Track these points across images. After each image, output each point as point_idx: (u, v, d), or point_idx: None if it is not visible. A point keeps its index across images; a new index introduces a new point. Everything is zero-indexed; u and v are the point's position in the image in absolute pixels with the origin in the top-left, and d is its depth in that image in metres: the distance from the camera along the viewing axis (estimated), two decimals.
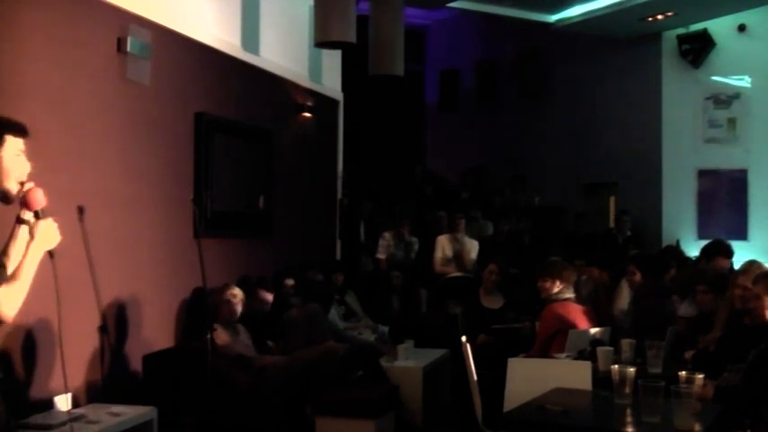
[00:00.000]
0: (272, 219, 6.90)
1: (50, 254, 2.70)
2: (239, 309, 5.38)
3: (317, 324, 5.75)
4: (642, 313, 5.09)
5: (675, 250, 7.22)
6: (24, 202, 2.69)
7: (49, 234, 2.68)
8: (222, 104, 6.12)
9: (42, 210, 2.69)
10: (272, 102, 7.05)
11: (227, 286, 5.39)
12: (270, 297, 5.89)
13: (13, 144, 2.68)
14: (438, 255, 8.27)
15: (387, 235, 8.48)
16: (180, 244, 5.41)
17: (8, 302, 2.54)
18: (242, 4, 6.52)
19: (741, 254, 6.56)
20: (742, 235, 9.15)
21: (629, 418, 3.30)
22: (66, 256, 2.94)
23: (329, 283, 7.02)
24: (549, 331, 5.05)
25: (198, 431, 4.79)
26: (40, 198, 2.69)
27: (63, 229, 2.76)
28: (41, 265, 2.64)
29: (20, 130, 2.72)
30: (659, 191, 9.56)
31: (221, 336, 5.11)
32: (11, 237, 2.71)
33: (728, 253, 5.83)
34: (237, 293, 5.37)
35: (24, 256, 2.61)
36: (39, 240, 2.65)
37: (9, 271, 2.62)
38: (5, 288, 2.55)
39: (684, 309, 4.98)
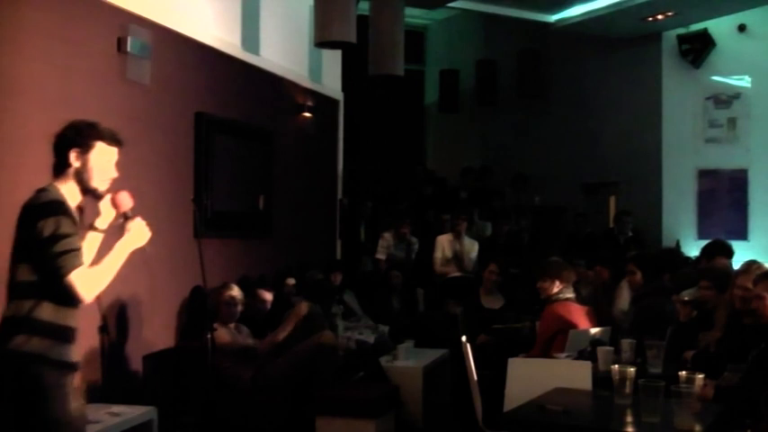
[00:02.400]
0: (272, 219, 6.90)
1: (144, 250, 3.02)
2: (239, 310, 5.38)
3: (315, 323, 5.73)
4: (642, 313, 5.09)
5: (676, 253, 7.22)
6: (113, 205, 3.01)
7: (139, 233, 3.00)
8: (222, 104, 6.12)
9: (131, 210, 3.01)
10: (272, 102, 7.05)
11: (226, 286, 5.38)
12: (269, 297, 5.89)
13: (104, 151, 2.95)
14: (438, 255, 8.27)
15: (387, 235, 8.48)
16: (180, 244, 5.41)
17: (86, 285, 2.79)
18: (242, 4, 6.53)
19: (741, 254, 6.55)
20: (742, 235, 9.15)
21: (629, 418, 3.30)
22: None
23: (326, 281, 7.01)
24: (549, 331, 5.05)
25: (198, 431, 4.80)
26: (126, 200, 3.01)
27: None
28: None
29: (113, 140, 2.98)
30: (659, 191, 9.56)
31: (222, 335, 5.12)
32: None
33: (729, 253, 5.83)
34: (237, 295, 5.36)
35: (112, 250, 2.91)
36: (128, 238, 2.98)
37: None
38: (85, 270, 2.79)
39: (688, 293, 4.92)
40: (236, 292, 5.37)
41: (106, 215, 3.07)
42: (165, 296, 5.40)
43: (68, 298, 2.80)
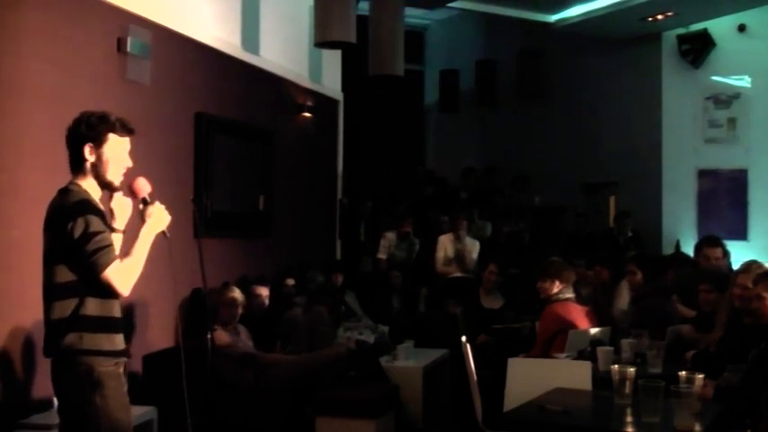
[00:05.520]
0: (272, 219, 6.90)
1: (164, 234, 3.07)
2: (239, 311, 5.38)
3: (322, 328, 5.74)
4: (642, 313, 5.09)
5: (678, 255, 7.21)
6: (131, 191, 3.03)
7: (160, 217, 3.05)
8: (222, 104, 6.12)
9: (150, 195, 3.04)
10: (272, 102, 7.06)
11: (227, 287, 5.38)
12: (265, 292, 5.90)
13: (117, 142, 2.97)
14: (440, 255, 8.26)
15: (389, 235, 8.48)
16: (180, 244, 5.38)
17: (122, 278, 2.86)
18: (242, 4, 6.53)
19: (741, 254, 6.56)
20: (742, 235, 9.14)
21: (629, 418, 3.30)
22: None
23: (329, 282, 7.02)
24: (549, 331, 5.04)
25: (198, 431, 4.79)
26: (144, 186, 3.04)
27: None
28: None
29: (124, 130, 3.01)
30: (659, 191, 9.55)
31: (222, 336, 5.12)
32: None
33: (716, 242, 5.83)
34: (238, 297, 5.36)
35: (137, 238, 2.95)
36: (151, 223, 3.01)
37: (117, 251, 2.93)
38: (119, 264, 2.85)
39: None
40: (236, 293, 5.37)
41: (122, 215, 3.10)
42: (165, 296, 5.39)
43: (108, 293, 2.87)
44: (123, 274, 2.86)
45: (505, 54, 11.47)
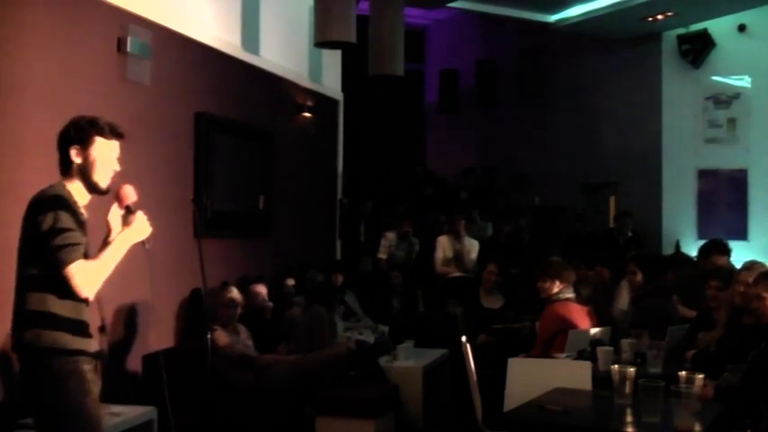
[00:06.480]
0: (272, 219, 6.90)
1: (144, 244, 3.02)
2: (238, 312, 5.38)
3: (321, 328, 5.74)
4: (642, 313, 5.09)
5: (678, 255, 7.21)
6: (116, 198, 3.03)
7: (141, 226, 3.00)
8: (222, 104, 6.12)
9: (134, 203, 3.02)
10: (272, 102, 7.05)
11: (225, 288, 5.38)
12: (263, 290, 5.91)
13: (104, 145, 2.98)
14: (439, 255, 8.26)
15: (389, 235, 8.48)
16: (180, 244, 5.41)
17: (84, 278, 2.81)
18: (242, 4, 6.53)
19: (741, 254, 6.56)
20: (742, 235, 9.14)
21: (629, 418, 3.30)
22: None
23: (329, 282, 7.02)
24: (549, 331, 5.04)
25: (198, 431, 4.79)
26: (130, 193, 3.04)
27: None
28: None
29: (112, 133, 3.00)
30: (659, 191, 9.55)
31: (222, 337, 5.12)
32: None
33: (724, 250, 5.83)
34: (236, 297, 5.36)
35: (111, 243, 2.92)
36: (130, 231, 2.98)
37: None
38: (83, 263, 2.81)
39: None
40: (235, 293, 5.37)
41: (116, 226, 3.07)
42: (165, 296, 5.39)
43: (70, 292, 2.83)
44: (86, 275, 2.82)
45: (505, 54, 11.48)
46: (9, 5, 4.11)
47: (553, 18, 9.53)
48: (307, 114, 7.62)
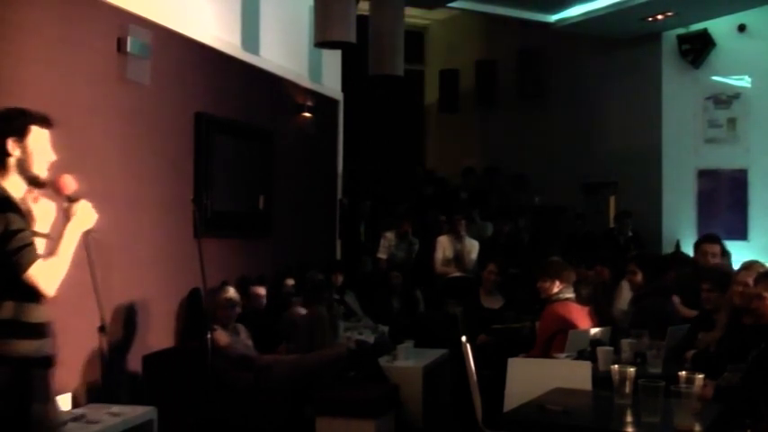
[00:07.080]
0: (272, 219, 6.90)
1: (90, 233, 2.96)
2: (236, 312, 5.37)
3: (321, 328, 5.74)
4: (642, 313, 5.09)
5: (679, 256, 7.22)
6: (56, 188, 2.93)
7: (86, 215, 2.92)
8: (222, 104, 6.12)
9: (75, 193, 2.93)
10: (272, 102, 7.06)
11: (222, 288, 5.37)
12: (263, 291, 5.91)
13: (39, 134, 2.89)
14: (439, 255, 8.27)
15: (389, 235, 8.48)
16: (180, 244, 5.41)
17: (47, 277, 2.75)
18: (242, 4, 6.53)
19: (741, 254, 6.56)
20: (742, 235, 9.14)
21: (629, 418, 3.30)
22: None
23: (329, 282, 7.01)
24: (549, 331, 5.04)
25: (198, 431, 4.79)
26: (70, 183, 2.94)
27: None
28: None
29: (44, 122, 2.92)
30: (659, 191, 9.55)
31: (222, 337, 5.11)
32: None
33: (713, 238, 5.88)
34: (234, 297, 5.35)
35: (62, 236, 2.83)
36: (76, 221, 2.89)
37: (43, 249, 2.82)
38: (42, 263, 2.74)
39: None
40: (232, 293, 5.35)
41: (44, 218, 2.97)
42: (165, 296, 5.39)
43: (31, 294, 2.76)
44: (47, 274, 2.74)
45: (505, 54, 11.47)
46: (9, 6, 4.11)
47: (553, 18, 9.53)
48: (307, 114, 7.62)
